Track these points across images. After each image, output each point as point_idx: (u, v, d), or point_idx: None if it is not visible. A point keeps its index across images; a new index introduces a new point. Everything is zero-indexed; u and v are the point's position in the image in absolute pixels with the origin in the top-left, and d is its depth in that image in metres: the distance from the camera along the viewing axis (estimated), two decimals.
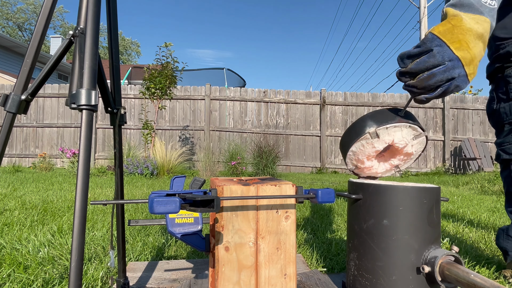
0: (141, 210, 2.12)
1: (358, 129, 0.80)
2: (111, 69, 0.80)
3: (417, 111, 6.96)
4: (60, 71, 15.82)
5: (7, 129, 0.63)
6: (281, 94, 7.05)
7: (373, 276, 0.73)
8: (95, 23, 0.58)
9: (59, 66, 9.72)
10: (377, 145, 0.79)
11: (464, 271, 0.61)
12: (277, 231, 0.72)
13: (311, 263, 1.18)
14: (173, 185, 0.78)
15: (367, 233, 0.75)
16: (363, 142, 0.79)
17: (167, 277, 1.00)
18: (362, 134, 0.78)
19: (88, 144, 0.52)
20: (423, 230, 0.71)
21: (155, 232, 1.55)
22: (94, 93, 0.54)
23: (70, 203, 2.29)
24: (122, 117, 0.81)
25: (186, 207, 0.59)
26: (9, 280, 0.96)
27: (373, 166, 0.86)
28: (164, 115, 6.92)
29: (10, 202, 2.30)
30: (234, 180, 0.78)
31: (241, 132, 6.95)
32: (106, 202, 0.56)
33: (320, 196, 0.70)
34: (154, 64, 5.48)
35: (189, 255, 1.26)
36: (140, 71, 9.78)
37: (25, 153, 6.89)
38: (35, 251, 1.21)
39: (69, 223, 1.69)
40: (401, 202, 0.71)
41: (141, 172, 4.80)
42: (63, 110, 6.91)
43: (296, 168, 7.01)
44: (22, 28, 25.51)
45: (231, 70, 10.08)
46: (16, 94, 0.63)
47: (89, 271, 1.03)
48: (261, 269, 0.70)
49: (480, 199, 3.08)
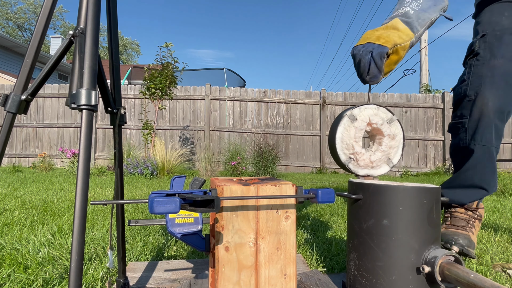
0: (141, 210, 2.12)
1: (337, 120, 0.94)
2: (111, 69, 0.80)
3: (417, 111, 6.96)
4: (60, 71, 15.82)
5: (7, 129, 0.63)
6: (281, 94, 7.05)
7: (373, 276, 0.73)
8: (95, 23, 0.58)
9: (59, 66, 9.73)
10: (358, 124, 0.90)
11: (464, 271, 0.61)
12: (277, 231, 0.72)
13: (311, 263, 1.18)
14: (173, 185, 0.78)
15: (367, 233, 0.75)
16: (345, 126, 0.90)
17: (167, 277, 1.00)
18: (341, 118, 0.91)
19: (88, 144, 0.52)
20: (423, 230, 0.71)
21: (155, 232, 1.55)
22: (94, 93, 0.54)
23: (70, 203, 2.29)
24: (122, 117, 0.81)
25: (186, 207, 0.59)
26: (9, 280, 0.96)
27: (364, 154, 0.91)
28: (164, 115, 6.92)
29: (10, 202, 2.30)
30: (234, 180, 0.78)
31: (241, 132, 6.95)
32: (106, 202, 0.56)
33: (320, 196, 0.70)
34: (154, 64, 5.48)
35: (189, 255, 1.26)
36: (140, 71, 9.78)
37: (25, 153, 6.89)
38: (35, 251, 1.21)
39: (69, 223, 1.69)
40: (401, 202, 0.71)
41: (141, 172, 4.80)
42: (63, 110, 6.91)
43: (296, 168, 7.01)
44: (22, 28, 25.52)
45: (231, 70, 10.09)
46: (16, 94, 0.63)
47: (89, 271, 1.03)
48: (261, 269, 0.70)
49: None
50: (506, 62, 1.14)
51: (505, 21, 1.19)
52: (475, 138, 1.16)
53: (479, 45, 1.21)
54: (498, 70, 1.14)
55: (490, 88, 1.14)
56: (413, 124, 6.98)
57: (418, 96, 7.01)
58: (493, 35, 1.19)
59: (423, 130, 6.97)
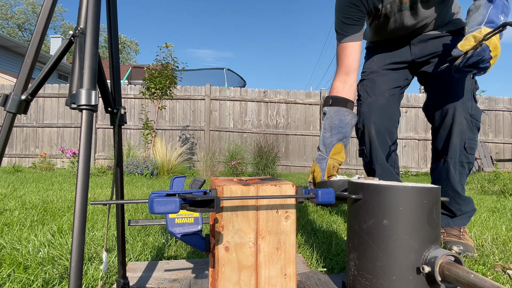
0: (141, 210, 2.12)
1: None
2: (111, 69, 0.80)
3: (417, 111, 6.96)
4: (60, 71, 15.82)
5: (7, 129, 0.63)
6: (281, 94, 7.05)
7: (373, 276, 0.73)
8: (95, 23, 0.58)
9: (59, 66, 9.73)
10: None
11: (464, 271, 0.61)
12: (277, 231, 0.72)
13: (311, 263, 1.18)
14: (173, 185, 0.78)
15: (367, 233, 0.75)
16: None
17: (167, 277, 1.00)
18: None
19: (88, 144, 0.52)
20: (423, 230, 0.71)
21: (155, 232, 1.55)
22: (94, 93, 0.54)
23: (70, 203, 2.29)
24: (122, 117, 0.81)
25: (186, 207, 0.59)
26: (9, 280, 0.96)
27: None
28: (164, 115, 6.92)
29: (10, 202, 2.30)
30: (234, 180, 0.78)
31: (241, 132, 6.95)
32: (106, 202, 0.56)
33: (320, 196, 0.70)
34: (154, 64, 5.48)
35: (189, 255, 1.26)
36: (140, 71, 9.78)
37: (25, 153, 6.89)
38: (35, 251, 1.21)
39: (69, 223, 1.69)
40: (401, 202, 0.71)
41: (141, 172, 4.80)
42: (63, 110, 6.91)
43: (296, 168, 7.01)
44: (22, 28, 25.51)
45: (231, 70, 10.09)
46: (16, 94, 0.63)
47: (89, 271, 1.03)
48: (261, 269, 0.70)
49: (480, 199, 3.08)
50: (377, 97, 1.45)
51: (374, 66, 1.52)
52: (372, 159, 1.44)
53: (360, 88, 1.53)
54: (374, 104, 1.44)
55: (369, 120, 1.43)
56: (413, 124, 6.98)
57: (418, 96, 7.01)
58: (368, 78, 1.52)
59: (423, 130, 6.97)
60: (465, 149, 1.28)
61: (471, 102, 1.28)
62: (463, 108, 1.26)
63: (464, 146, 1.28)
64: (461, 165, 1.30)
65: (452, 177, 1.30)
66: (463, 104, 1.26)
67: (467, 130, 1.27)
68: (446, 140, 1.30)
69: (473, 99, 1.29)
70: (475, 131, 1.29)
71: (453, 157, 1.29)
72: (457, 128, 1.26)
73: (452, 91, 1.29)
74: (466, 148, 1.28)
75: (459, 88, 1.28)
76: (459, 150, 1.28)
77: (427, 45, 1.40)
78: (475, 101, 1.30)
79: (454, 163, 1.29)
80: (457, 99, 1.27)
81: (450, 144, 1.29)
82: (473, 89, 1.30)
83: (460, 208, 1.33)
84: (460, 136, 1.27)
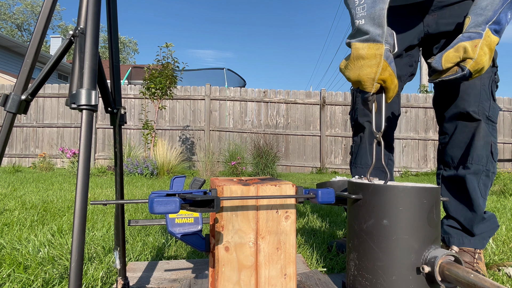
0: (141, 210, 2.12)
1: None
2: (111, 69, 0.80)
3: (417, 111, 6.96)
4: (60, 71, 15.82)
5: (7, 129, 0.63)
6: (281, 94, 7.05)
7: (373, 276, 0.73)
8: (95, 23, 0.58)
9: (59, 66, 9.72)
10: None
11: (464, 271, 0.61)
12: (277, 231, 0.72)
13: (311, 263, 1.18)
14: (173, 185, 0.77)
15: (367, 233, 0.75)
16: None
17: (167, 277, 1.00)
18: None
19: (88, 144, 0.52)
20: (423, 230, 0.71)
21: (155, 232, 1.55)
22: (94, 93, 0.54)
23: (70, 203, 2.29)
24: (122, 117, 0.81)
25: (186, 207, 0.59)
26: (9, 280, 0.96)
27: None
28: (164, 115, 6.92)
29: (10, 202, 2.30)
30: (234, 180, 0.78)
31: (241, 132, 6.95)
32: (106, 202, 0.56)
33: (320, 196, 0.70)
34: (155, 64, 5.48)
35: (189, 255, 1.26)
36: (140, 71, 9.78)
37: (25, 153, 6.89)
38: (35, 251, 1.21)
39: (69, 223, 1.69)
40: (401, 202, 0.71)
41: (141, 172, 4.80)
42: (63, 110, 6.91)
43: (296, 168, 7.01)
44: (21, 28, 25.50)
45: (231, 70, 10.09)
46: (16, 94, 0.63)
47: (89, 271, 1.03)
48: (261, 269, 0.70)
49: None
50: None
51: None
52: (356, 161, 1.34)
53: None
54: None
55: (363, 119, 1.29)
56: (413, 124, 6.98)
57: (418, 96, 7.01)
58: None
59: (423, 130, 6.97)
60: (492, 155, 1.07)
61: (489, 101, 1.08)
62: (479, 108, 1.07)
63: (491, 151, 1.07)
64: (487, 174, 1.07)
65: (473, 190, 1.06)
66: (480, 102, 1.07)
67: (492, 132, 1.08)
68: (468, 144, 1.09)
69: (491, 96, 1.09)
70: (495, 134, 1.10)
71: (479, 164, 1.06)
72: (482, 130, 1.06)
73: (468, 85, 1.09)
74: (493, 154, 1.07)
75: (475, 82, 1.08)
76: (486, 156, 1.07)
77: (443, 13, 1.14)
78: (493, 100, 1.09)
79: (477, 172, 1.07)
80: (474, 96, 1.08)
81: (472, 148, 1.07)
82: (492, 84, 1.09)
83: (478, 227, 1.09)
84: (485, 139, 1.06)
